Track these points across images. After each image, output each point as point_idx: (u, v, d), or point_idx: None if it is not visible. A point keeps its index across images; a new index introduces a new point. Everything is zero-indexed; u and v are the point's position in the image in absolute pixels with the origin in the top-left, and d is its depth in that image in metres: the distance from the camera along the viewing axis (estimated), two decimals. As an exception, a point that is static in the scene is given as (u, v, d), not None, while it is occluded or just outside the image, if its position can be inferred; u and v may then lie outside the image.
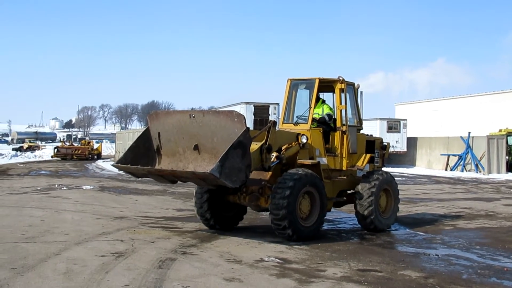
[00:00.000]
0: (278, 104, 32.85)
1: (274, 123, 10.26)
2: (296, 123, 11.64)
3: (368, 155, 12.09)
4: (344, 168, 11.60)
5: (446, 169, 37.93)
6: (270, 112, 32.32)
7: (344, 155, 11.56)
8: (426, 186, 25.48)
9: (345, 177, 11.63)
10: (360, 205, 11.30)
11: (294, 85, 12.04)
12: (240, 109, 31.73)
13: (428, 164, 40.70)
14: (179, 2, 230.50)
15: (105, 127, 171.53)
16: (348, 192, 11.95)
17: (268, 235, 10.58)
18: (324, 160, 11.19)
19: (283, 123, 11.94)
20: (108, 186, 21.16)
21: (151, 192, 19.14)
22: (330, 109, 11.85)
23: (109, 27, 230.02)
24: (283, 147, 10.40)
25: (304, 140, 10.64)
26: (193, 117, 9.74)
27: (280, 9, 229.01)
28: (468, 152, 36.53)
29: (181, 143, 10.06)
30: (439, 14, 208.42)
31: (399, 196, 12.26)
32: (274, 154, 10.11)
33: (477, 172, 35.26)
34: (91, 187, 20.29)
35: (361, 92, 12.92)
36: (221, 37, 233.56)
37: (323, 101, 12.01)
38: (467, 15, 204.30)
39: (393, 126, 42.04)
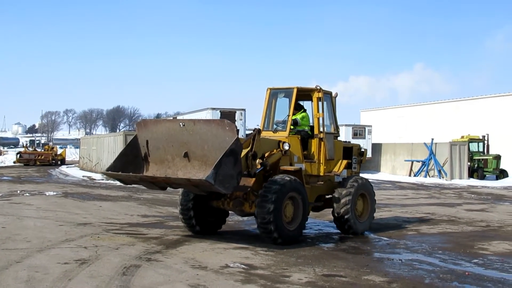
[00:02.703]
0: (244, 110, 32.81)
1: (259, 131, 10.56)
2: (275, 131, 11.87)
3: (345, 161, 12.45)
4: (321, 174, 11.88)
5: (410, 175, 38.51)
6: (236, 118, 32.25)
7: (321, 161, 11.85)
8: (390, 191, 25.80)
9: (322, 183, 11.92)
10: (337, 207, 11.65)
11: (274, 93, 12.33)
12: (206, 115, 31.66)
13: (392, 170, 41.24)
14: (143, 8, 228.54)
15: (69, 133, 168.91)
16: (326, 196, 12.23)
17: (234, 241, 10.59)
18: (302, 166, 11.41)
19: (262, 130, 12.11)
20: (72, 192, 20.85)
21: (115, 198, 18.93)
22: (304, 117, 12.10)
23: (73, 32, 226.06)
24: (266, 154, 10.65)
25: (287, 147, 10.93)
26: (183, 125, 9.99)
27: (249, 15, 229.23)
28: (431, 158, 37.17)
29: (170, 151, 10.26)
30: (415, 21, 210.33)
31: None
32: (258, 160, 10.34)
33: (440, 178, 35.88)
34: (54, 193, 19.95)
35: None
36: (187, 43, 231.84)
37: (304, 110, 12.30)
38: (444, 22, 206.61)
39: (359, 132, 42.59)
